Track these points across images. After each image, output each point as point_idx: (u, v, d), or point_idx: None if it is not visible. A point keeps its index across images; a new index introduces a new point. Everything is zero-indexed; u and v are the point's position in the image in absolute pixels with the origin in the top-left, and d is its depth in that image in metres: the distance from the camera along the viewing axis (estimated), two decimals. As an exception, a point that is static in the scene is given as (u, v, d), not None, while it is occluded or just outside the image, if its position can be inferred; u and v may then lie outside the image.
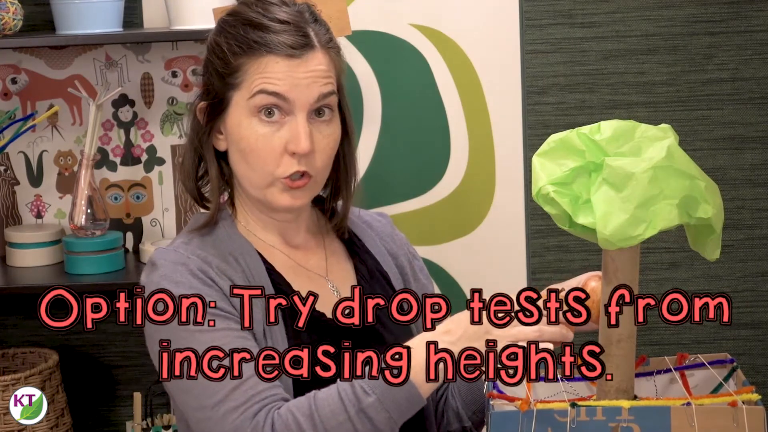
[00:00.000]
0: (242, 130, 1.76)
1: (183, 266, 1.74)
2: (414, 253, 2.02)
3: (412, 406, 1.62)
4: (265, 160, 1.75)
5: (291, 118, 1.75)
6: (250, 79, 1.75)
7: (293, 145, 1.74)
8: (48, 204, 2.88)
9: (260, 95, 1.74)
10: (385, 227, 2.00)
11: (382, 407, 1.60)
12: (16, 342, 2.90)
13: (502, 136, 2.85)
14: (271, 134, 1.75)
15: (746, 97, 2.83)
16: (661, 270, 2.87)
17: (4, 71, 2.82)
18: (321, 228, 1.92)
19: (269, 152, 1.75)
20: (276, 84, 1.73)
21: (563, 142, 1.55)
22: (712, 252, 1.56)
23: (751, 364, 2.90)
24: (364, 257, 1.91)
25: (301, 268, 1.85)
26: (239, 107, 1.76)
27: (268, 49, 1.74)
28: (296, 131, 1.74)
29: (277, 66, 1.74)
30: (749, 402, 1.53)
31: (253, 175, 1.78)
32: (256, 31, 1.75)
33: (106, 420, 2.95)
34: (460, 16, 2.81)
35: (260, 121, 1.75)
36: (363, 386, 1.61)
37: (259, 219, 1.85)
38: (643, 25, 2.81)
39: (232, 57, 1.76)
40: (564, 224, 1.54)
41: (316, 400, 1.63)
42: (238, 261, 1.78)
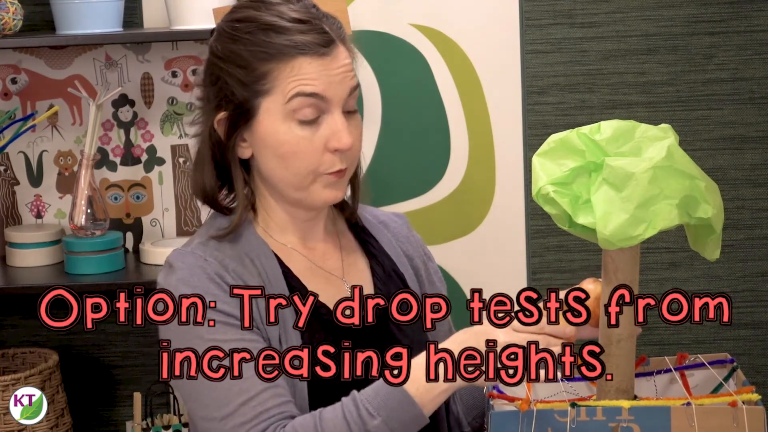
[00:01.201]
0: (281, 136, 1.74)
1: (200, 269, 1.73)
2: (429, 254, 2.01)
3: (417, 423, 1.62)
4: (309, 161, 1.74)
5: (328, 116, 1.74)
6: (282, 83, 1.73)
7: (336, 142, 1.74)
8: (48, 204, 2.88)
9: (298, 98, 1.72)
10: (402, 228, 1.99)
11: (387, 428, 1.60)
12: (16, 342, 2.90)
13: (502, 136, 2.85)
14: (312, 135, 1.74)
15: (746, 97, 2.83)
16: (661, 270, 2.87)
17: (4, 71, 2.82)
18: (338, 228, 1.92)
19: (312, 153, 1.74)
20: (312, 84, 1.72)
21: (563, 142, 1.55)
22: (712, 252, 1.56)
23: (751, 364, 2.90)
24: (380, 258, 1.91)
25: (318, 269, 1.85)
26: (272, 113, 1.74)
27: (298, 50, 1.72)
28: (336, 128, 1.74)
29: (310, 66, 1.73)
30: (749, 402, 1.53)
31: (293, 178, 1.76)
32: (280, 35, 1.72)
33: (106, 420, 2.95)
34: (460, 16, 2.81)
35: (299, 124, 1.73)
36: (368, 408, 1.61)
37: (280, 220, 1.83)
38: (643, 25, 2.81)
39: (258, 64, 1.73)
40: (564, 224, 1.54)
41: (321, 421, 1.63)
42: (254, 263, 1.78)
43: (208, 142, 1.80)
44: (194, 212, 2.86)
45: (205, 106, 1.81)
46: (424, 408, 1.61)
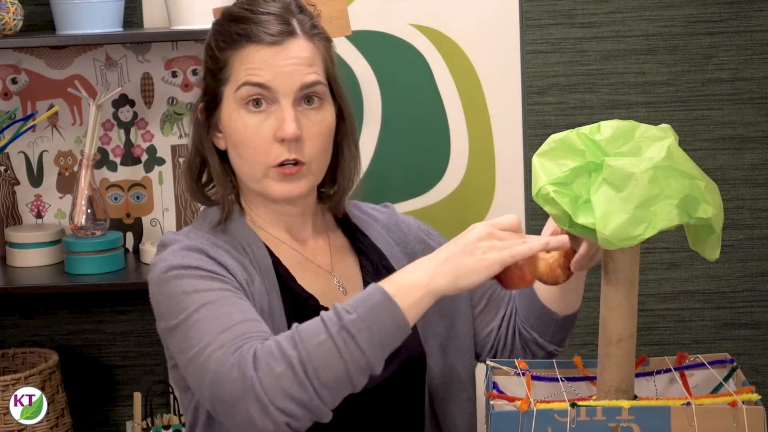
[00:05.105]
0: (233, 123, 1.79)
1: (193, 243, 1.77)
2: (427, 230, 2.02)
3: (398, 327, 1.56)
4: (256, 150, 1.78)
5: (276, 107, 1.78)
6: (236, 72, 1.79)
7: (280, 132, 1.76)
8: (48, 204, 2.88)
9: (245, 87, 1.77)
10: (390, 217, 2.01)
11: (364, 325, 1.54)
12: (16, 342, 2.90)
13: (502, 136, 2.85)
14: (259, 124, 1.78)
15: (746, 97, 2.83)
16: (661, 270, 2.87)
17: (4, 71, 2.82)
18: (327, 224, 1.93)
19: (259, 141, 1.77)
20: (258, 74, 1.76)
21: (563, 142, 1.55)
22: (712, 252, 1.56)
23: (751, 364, 2.90)
24: (370, 254, 1.92)
25: (308, 263, 1.86)
26: (229, 101, 1.80)
27: (248, 39, 1.77)
28: (281, 117, 1.77)
29: (258, 55, 1.77)
30: (749, 402, 1.53)
31: (248, 168, 1.80)
32: (239, 24, 1.79)
33: (106, 420, 2.95)
34: (460, 16, 2.81)
35: (248, 112, 1.78)
36: (345, 306, 1.57)
37: (265, 214, 1.86)
38: (643, 25, 2.81)
39: (219, 52, 1.80)
40: (564, 224, 1.54)
41: (298, 326, 1.59)
42: (246, 251, 1.80)
43: (194, 132, 1.87)
44: (194, 212, 2.86)
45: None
46: (406, 312, 1.56)
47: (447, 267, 1.58)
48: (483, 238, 1.59)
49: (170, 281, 1.72)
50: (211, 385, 1.59)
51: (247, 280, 1.75)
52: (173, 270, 1.72)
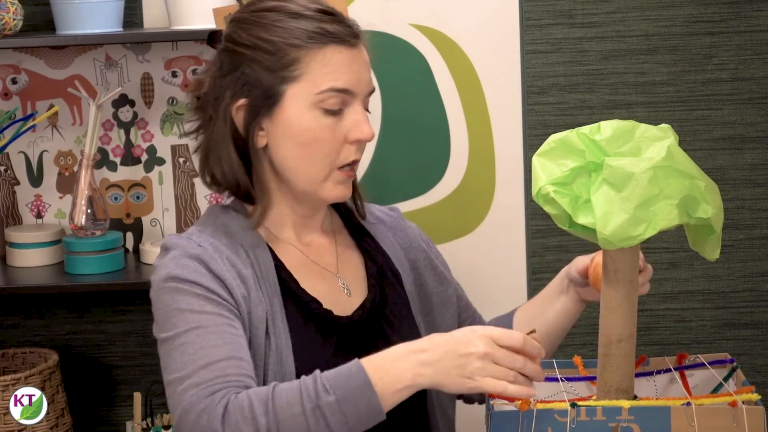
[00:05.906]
0: (305, 122, 1.76)
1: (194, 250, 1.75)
2: (427, 240, 2.03)
3: (372, 415, 1.56)
4: (329, 151, 1.76)
5: (350, 109, 1.77)
6: (313, 71, 1.75)
7: (358, 133, 1.76)
8: (48, 204, 2.88)
9: (330, 93, 1.74)
10: (396, 221, 2.01)
11: (339, 409, 1.55)
12: (16, 342, 2.90)
13: (502, 136, 2.85)
14: (335, 125, 1.76)
15: (746, 97, 2.83)
16: (661, 270, 2.87)
17: (4, 71, 2.82)
18: (333, 226, 1.93)
19: (332, 142, 1.76)
20: (342, 78, 1.74)
21: (563, 142, 1.56)
22: (712, 252, 1.56)
23: (751, 364, 2.90)
24: (375, 256, 1.92)
25: (313, 265, 1.86)
26: (299, 99, 1.76)
27: (330, 38, 1.74)
28: (357, 120, 1.77)
29: (340, 56, 1.75)
30: (749, 402, 1.53)
31: (310, 168, 1.78)
32: (310, 22, 1.75)
33: (106, 420, 2.95)
34: (460, 16, 2.81)
35: (324, 113, 1.75)
36: (325, 384, 1.57)
37: (279, 214, 1.85)
38: (643, 25, 2.81)
39: (288, 50, 1.74)
40: (564, 224, 1.54)
41: (275, 389, 1.59)
42: (248, 254, 1.79)
43: (226, 131, 1.79)
44: (194, 212, 2.86)
45: (219, 96, 1.79)
46: (383, 400, 1.56)
47: (433, 370, 1.56)
48: (480, 357, 1.55)
49: (167, 293, 1.72)
50: (179, 419, 1.62)
51: (244, 296, 1.74)
52: (172, 281, 1.72)
